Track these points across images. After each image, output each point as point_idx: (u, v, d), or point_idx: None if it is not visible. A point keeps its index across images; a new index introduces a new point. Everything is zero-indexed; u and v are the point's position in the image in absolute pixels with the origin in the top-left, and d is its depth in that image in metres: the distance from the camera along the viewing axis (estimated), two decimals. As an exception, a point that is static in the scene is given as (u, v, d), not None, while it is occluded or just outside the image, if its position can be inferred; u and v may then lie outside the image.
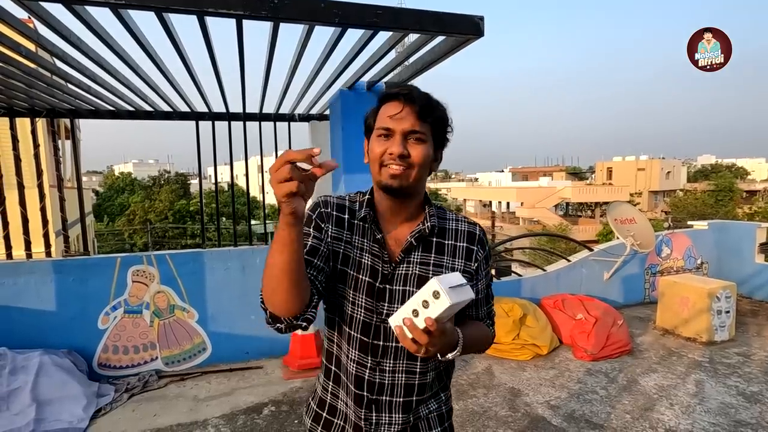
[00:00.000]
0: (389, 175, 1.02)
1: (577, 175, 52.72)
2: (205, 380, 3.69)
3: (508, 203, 39.01)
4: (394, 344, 1.07)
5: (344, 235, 1.10)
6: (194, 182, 31.19)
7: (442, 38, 2.34)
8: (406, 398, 1.09)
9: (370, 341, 1.08)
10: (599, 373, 3.69)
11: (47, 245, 3.94)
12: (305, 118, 4.37)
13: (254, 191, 20.70)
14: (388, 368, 1.08)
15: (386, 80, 3.27)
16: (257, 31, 2.54)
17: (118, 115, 3.94)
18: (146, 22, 2.24)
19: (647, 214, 26.62)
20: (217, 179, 8.17)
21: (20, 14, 1.99)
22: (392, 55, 2.66)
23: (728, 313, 4.32)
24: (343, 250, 1.09)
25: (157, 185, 28.20)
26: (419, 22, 2.06)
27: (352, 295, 1.08)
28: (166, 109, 3.92)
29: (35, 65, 2.70)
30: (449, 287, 0.85)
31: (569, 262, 5.31)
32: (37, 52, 2.77)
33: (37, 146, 3.90)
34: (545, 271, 5.19)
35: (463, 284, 0.89)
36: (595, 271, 5.36)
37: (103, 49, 2.31)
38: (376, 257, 1.08)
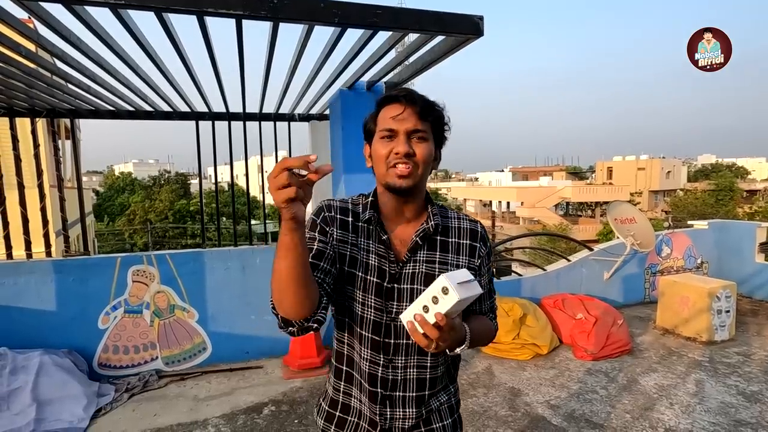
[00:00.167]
0: (397, 175, 1.04)
1: (577, 174, 52.71)
2: (205, 380, 3.69)
3: (508, 203, 39.00)
4: (404, 341, 1.10)
5: (349, 237, 1.12)
6: (194, 182, 31.19)
7: (441, 38, 2.34)
8: (418, 393, 1.13)
9: (381, 340, 1.10)
10: (599, 372, 3.69)
11: (47, 245, 3.94)
12: (305, 117, 4.37)
13: (254, 191, 20.68)
14: (400, 365, 1.11)
15: (386, 80, 3.27)
16: (257, 31, 2.54)
17: (118, 115, 3.94)
18: (146, 22, 2.24)
19: (647, 213, 26.62)
20: (217, 179, 8.18)
21: (20, 14, 1.99)
22: (392, 54, 2.66)
23: (728, 312, 4.32)
24: (349, 252, 1.11)
25: (157, 185, 28.22)
26: (419, 21, 2.06)
27: (361, 296, 1.10)
28: (166, 109, 3.92)
29: (35, 65, 2.70)
30: (457, 283, 0.88)
31: (569, 261, 5.31)
32: (37, 52, 2.77)
33: (37, 146, 3.90)
34: (545, 270, 5.19)
35: (470, 280, 0.92)
36: (595, 270, 5.36)
37: (103, 49, 2.32)
38: (382, 258, 1.10)
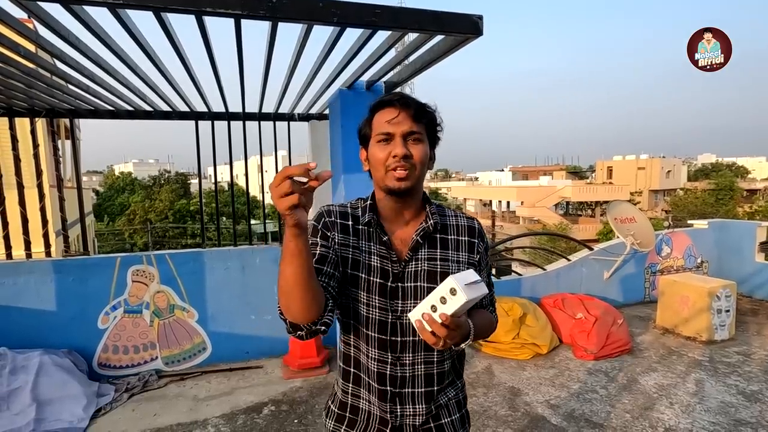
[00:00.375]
0: (396, 178, 1.07)
1: (577, 174, 52.68)
2: (205, 380, 3.69)
3: (508, 202, 38.98)
4: (411, 338, 1.12)
5: (350, 240, 1.14)
6: (194, 182, 31.19)
7: (441, 37, 2.33)
8: (427, 388, 1.15)
9: (388, 338, 1.12)
10: (599, 372, 3.69)
11: (47, 245, 3.94)
12: (305, 117, 4.36)
13: (254, 191, 20.72)
14: (408, 362, 1.13)
15: (385, 79, 3.26)
16: (256, 30, 2.53)
17: (117, 114, 3.94)
18: (145, 22, 2.24)
19: (647, 213, 26.62)
20: (216, 179, 8.19)
21: (19, 14, 1.99)
22: (391, 54, 2.65)
23: (728, 312, 4.32)
24: (351, 255, 1.13)
25: (157, 185, 28.24)
26: (418, 21, 2.05)
27: (365, 297, 1.12)
28: (165, 108, 3.92)
29: (34, 65, 2.70)
30: (465, 284, 0.91)
31: (569, 261, 5.31)
32: (36, 52, 2.76)
33: (36, 146, 3.89)
34: (545, 270, 5.19)
35: (477, 281, 0.95)
36: (595, 270, 5.36)
37: (102, 49, 2.31)
38: (384, 258, 1.13)
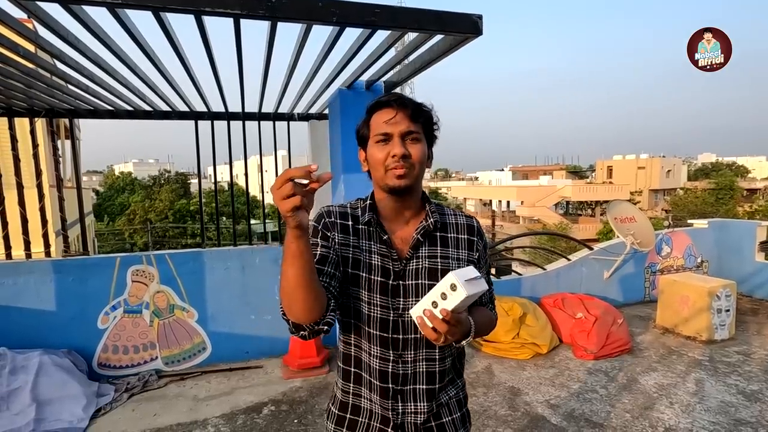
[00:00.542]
0: (395, 176, 1.07)
1: (577, 173, 52.69)
2: (204, 380, 3.69)
3: (508, 202, 38.97)
4: (413, 336, 1.13)
5: (351, 240, 1.15)
6: (194, 182, 31.19)
7: (440, 37, 2.33)
8: (429, 386, 1.16)
9: (389, 336, 1.13)
10: (599, 372, 3.69)
11: (46, 245, 3.93)
12: (304, 117, 4.36)
13: (254, 191, 20.73)
14: (409, 359, 1.14)
15: (385, 79, 3.26)
16: (255, 30, 2.53)
17: (116, 114, 3.94)
18: (144, 21, 2.23)
19: (647, 212, 26.62)
20: (216, 179, 8.18)
21: (19, 15, 1.98)
22: (391, 53, 2.65)
23: (728, 311, 4.32)
24: (352, 254, 1.14)
25: (157, 185, 28.24)
26: (417, 20, 2.05)
27: (366, 295, 1.13)
28: (164, 108, 3.92)
29: (34, 65, 2.70)
30: (465, 280, 0.92)
31: (569, 260, 5.30)
32: (36, 52, 2.76)
33: (36, 146, 3.89)
34: (545, 270, 5.19)
35: (477, 277, 0.96)
36: (595, 269, 5.36)
37: (101, 49, 2.31)
38: (385, 257, 1.14)
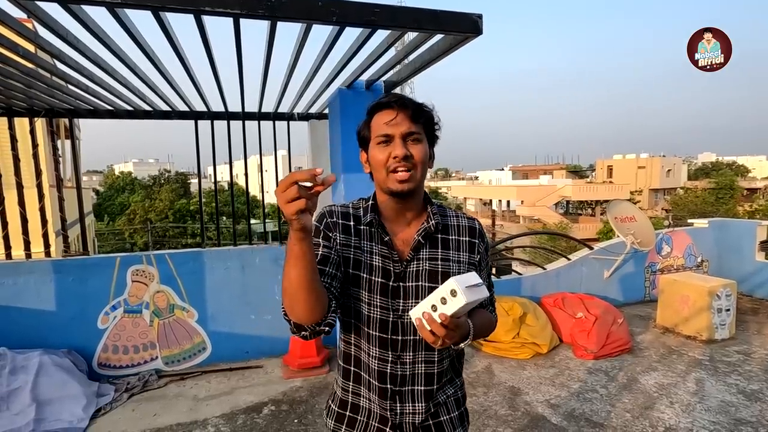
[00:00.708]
0: (397, 180, 1.07)
1: (577, 173, 52.67)
2: (205, 380, 3.69)
3: (508, 201, 38.95)
4: (412, 337, 1.13)
5: (352, 241, 1.15)
6: (194, 181, 31.19)
7: (440, 36, 2.32)
8: (427, 387, 1.16)
9: (389, 337, 1.13)
10: (599, 371, 3.69)
11: (46, 245, 3.93)
12: (304, 117, 4.36)
13: (254, 190, 20.73)
14: (408, 360, 1.14)
15: (385, 79, 3.26)
16: (255, 29, 2.53)
17: (116, 114, 3.94)
18: (143, 21, 2.23)
19: (648, 212, 26.61)
20: (216, 179, 8.18)
21: (18, 15, 1.98)
22: (391, 53, 2.65)
23: (728, 311, 4.32)
24: (353, 255, 1.14)
25: (157, 184, 28.25)
26: (417, 20, 2.05)
27: (367, 296, 1.13)
28: (164, 108, 3.91)
29: (34, 65, 2.69)
30: (466, 287, 0.91)
31: (569, 260, 5.30)
32: (35, 52, 2.76)
33: (36, 146, 3.89)
34: (545, 269, 5.18)
35: (478, 284, 0.95)
36: (595, 269, 5.36)
37: (101, 48, 2.31)
38: (386, 258, 1.14)
